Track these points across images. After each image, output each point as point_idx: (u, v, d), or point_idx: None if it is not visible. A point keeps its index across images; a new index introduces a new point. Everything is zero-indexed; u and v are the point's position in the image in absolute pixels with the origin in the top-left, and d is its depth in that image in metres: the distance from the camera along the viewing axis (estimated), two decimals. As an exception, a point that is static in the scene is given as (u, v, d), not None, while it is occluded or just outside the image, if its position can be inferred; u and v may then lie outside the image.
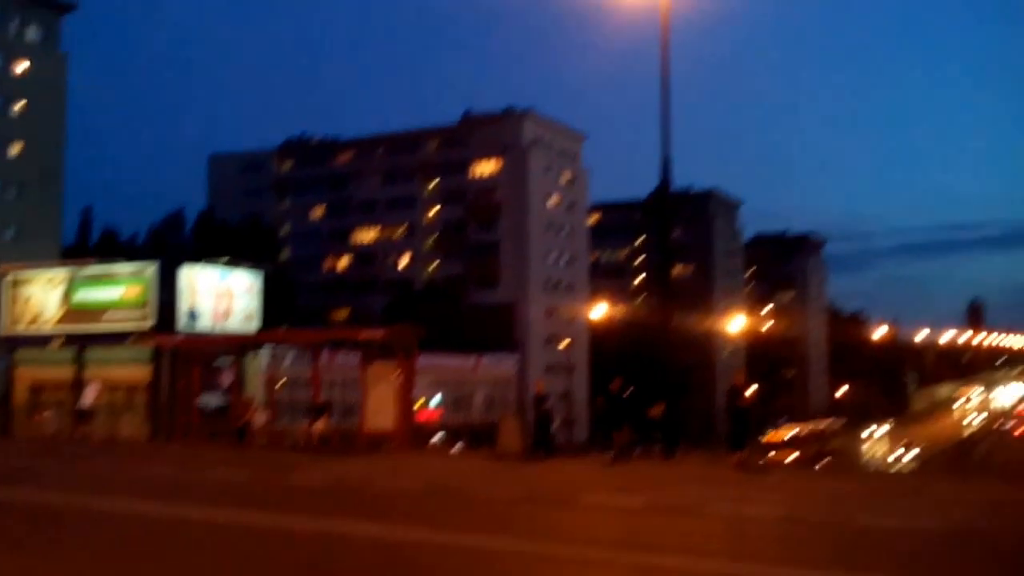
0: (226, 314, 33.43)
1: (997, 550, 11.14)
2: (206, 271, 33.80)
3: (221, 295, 33.48)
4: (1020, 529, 12.83)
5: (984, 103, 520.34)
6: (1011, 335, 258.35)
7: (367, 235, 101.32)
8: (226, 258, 36.99)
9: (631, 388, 21.98)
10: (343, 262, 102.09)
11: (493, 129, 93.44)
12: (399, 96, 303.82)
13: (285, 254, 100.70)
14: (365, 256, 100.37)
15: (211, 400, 29.13)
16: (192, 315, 32.23)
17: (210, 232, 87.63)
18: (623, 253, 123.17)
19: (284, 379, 37.76)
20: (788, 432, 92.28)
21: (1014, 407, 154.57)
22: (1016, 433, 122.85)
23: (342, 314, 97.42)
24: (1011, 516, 14.18)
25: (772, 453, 73.67)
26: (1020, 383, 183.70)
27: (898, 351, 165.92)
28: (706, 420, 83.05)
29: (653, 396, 30.61)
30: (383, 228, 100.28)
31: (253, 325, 34.38)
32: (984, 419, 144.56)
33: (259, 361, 30.34)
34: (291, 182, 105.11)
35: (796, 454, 77.68)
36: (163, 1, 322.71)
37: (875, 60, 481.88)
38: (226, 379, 29.29)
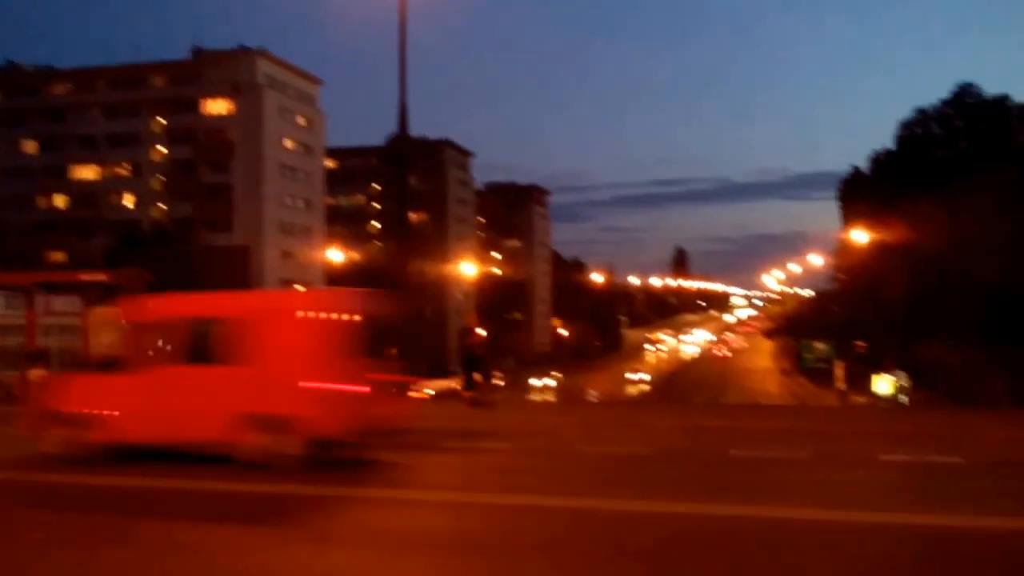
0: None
1: (686, 466, 12.19)
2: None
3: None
4: (712, 449, 14.15)
5: (685, 69, 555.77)
6: (711, 281, 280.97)
7: (87, 173, 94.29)
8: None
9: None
10: (60, 201, 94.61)
11: (225, 67, 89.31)
12: (122, 27, 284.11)
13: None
14: (85, 195, 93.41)
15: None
16: None
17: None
18: (359, 199, 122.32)
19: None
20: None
21: (711, 344, 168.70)
22: (720, 355, 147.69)
23: (59, 257, 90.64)
24: (706, 439, 15.65)
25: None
26: (706, 331, 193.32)
27: (613, 295, 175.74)
28: (440, 361, 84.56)
29: (388, 338, 30.73)
30: (105, 166, 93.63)
31: (-46, 268, 31.06)
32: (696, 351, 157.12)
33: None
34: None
35: None
36: None
37: (599, 23, 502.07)
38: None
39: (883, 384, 41.01)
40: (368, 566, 7.35)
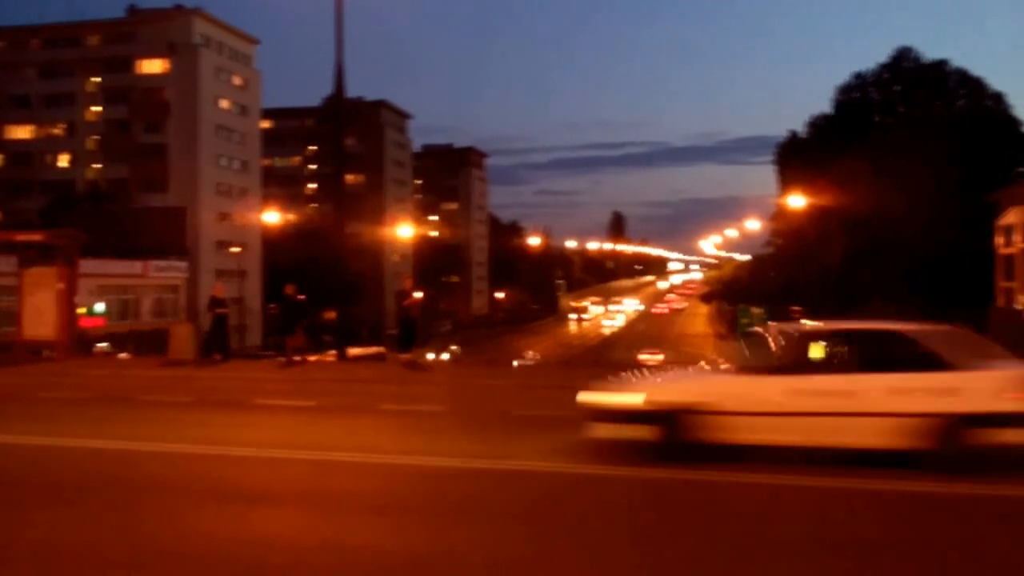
0: None
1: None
2: None
3: None
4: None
5: (621, 31, 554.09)
6: (648, 246, 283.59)
7: (21, 132, 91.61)
8: None
9: (304, 294, 21.89)
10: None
11: (160, 26, 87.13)
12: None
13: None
14: (19, 155, 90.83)
15: None
16: None
17: None
18: (296, 160, 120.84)
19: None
20: None
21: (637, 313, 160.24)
22: (657, 313, 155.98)
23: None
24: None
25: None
26: (637, 300, 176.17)
27: (550, 259, 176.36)
28: (376, 324, 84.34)
29: (326, 301, 30.70)
30: (39, 126, 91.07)
31: None
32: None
33: None
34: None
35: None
36: None
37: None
38: None
39: (816, 350, 41.61)
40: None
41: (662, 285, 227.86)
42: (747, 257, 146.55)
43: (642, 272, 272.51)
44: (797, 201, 54.75)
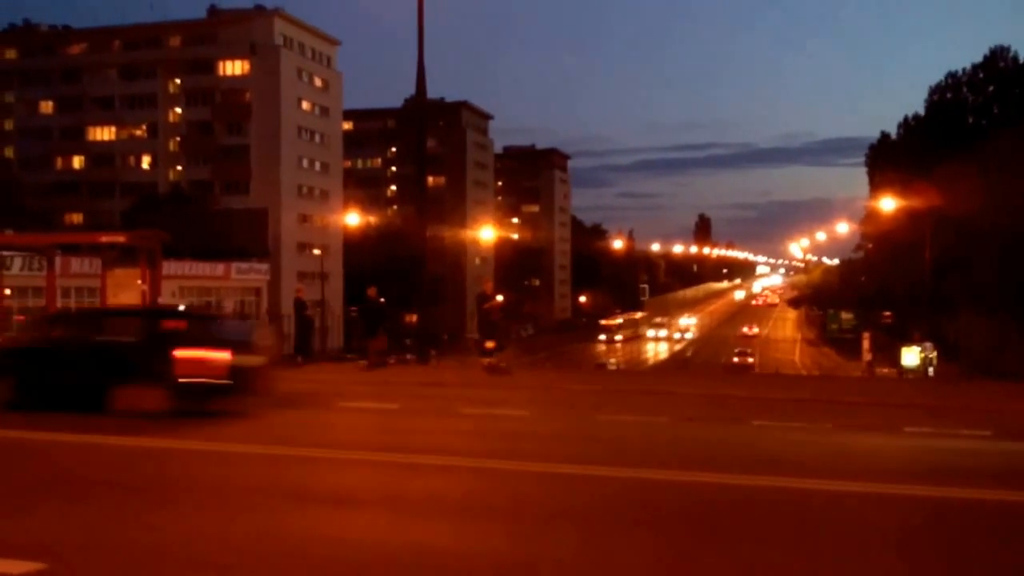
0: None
1: (705, 436, 12.27)
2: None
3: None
4: (732, 418, 14.27)
5: (709, 31, 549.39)
6: (734, 249, 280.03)
7: (104, 134, 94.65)
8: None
9: (384, 297, 22.14)
10: (77, 162, 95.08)
11: (241, 27, 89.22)
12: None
13: (8, 152, 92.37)
14: (101, 157, 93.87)
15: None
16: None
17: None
18: (377, 162, 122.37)
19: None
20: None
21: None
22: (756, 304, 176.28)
23: (76, 218, 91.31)
24: (729, 407, 15.79)
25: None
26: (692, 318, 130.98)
27: (633, 262, 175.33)
28: (457, 327, 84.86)
29: (407, 304, 30.99)
30: (122, 127, 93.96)
31: (-26, 230, 31.22)
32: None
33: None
34: (15, 73, 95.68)
35: None
36: None
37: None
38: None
39: (910, 355, 40.84)
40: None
41: (738, 296, 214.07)
42: (836, 261, 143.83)
43: (728, 276, 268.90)
44: (888, 204, 53.88)
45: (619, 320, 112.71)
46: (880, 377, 42.69)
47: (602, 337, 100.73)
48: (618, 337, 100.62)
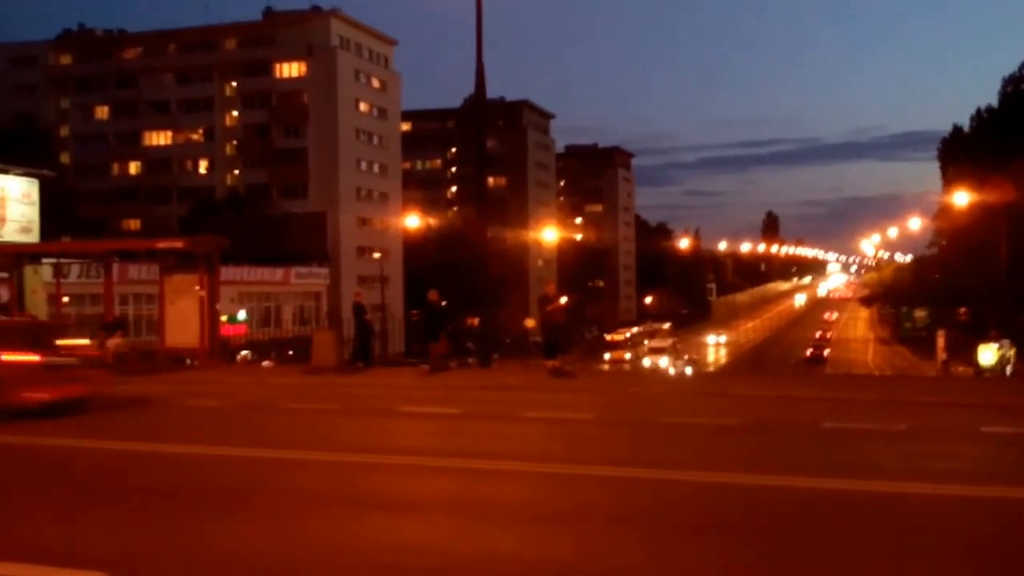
0: (-1, 223, 31.01)
1: (776, 439, 12.16)
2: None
3: (-8, 201, 30.88)
4: (802, 420, 14.10)
5: (774, 25, 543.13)
6: (803, 246, 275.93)
7: (160, 139, 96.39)
8: (-8, 160, 33.67)
9: (445, 300, 22.29)
10: (133, 168, 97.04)
11: (298, 29, 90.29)
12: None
13: (64, 158, 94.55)
14: (158, 162, 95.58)
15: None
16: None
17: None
18: (436, 163, 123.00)
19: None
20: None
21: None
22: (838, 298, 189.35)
23: (133, 224, 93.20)
24: (799, 409, 15.57)
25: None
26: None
27: (700, 262, 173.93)
28: (520, 330, 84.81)
29: (469, 307, 31.18)
30: (177, 131, 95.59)
31: (32, 238, 31.97)
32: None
33: (40, 275, 28.27)
34: (71, 78, 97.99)
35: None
36: None
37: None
38: (3, 295, 27.35)
39: (987, 354, 39.96)
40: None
41: (799, 301, 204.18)
42: (908, 258, 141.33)
43: (797, 274, 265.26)
44: (962, 198, 52.87)
45: (627, 334, 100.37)
46: (956, 376, 41.84)
47: (607, 356, 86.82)
48: (627, 355, 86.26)
